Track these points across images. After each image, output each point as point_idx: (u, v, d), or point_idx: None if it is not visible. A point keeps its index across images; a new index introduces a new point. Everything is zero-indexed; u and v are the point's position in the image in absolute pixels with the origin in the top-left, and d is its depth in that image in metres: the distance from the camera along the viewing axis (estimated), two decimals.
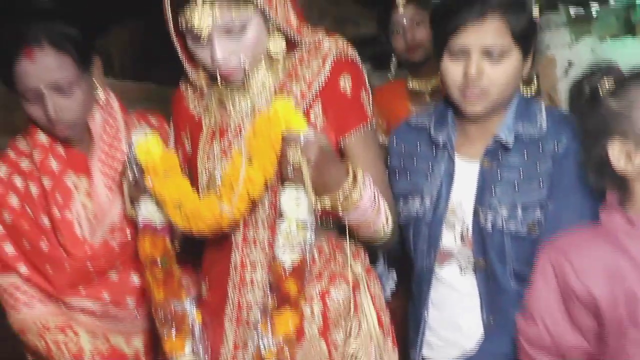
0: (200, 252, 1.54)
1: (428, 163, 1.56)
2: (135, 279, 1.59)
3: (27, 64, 1.45)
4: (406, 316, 1.64)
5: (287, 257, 1.32)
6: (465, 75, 1.43)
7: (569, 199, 1.42)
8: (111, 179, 1.57)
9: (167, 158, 1.42)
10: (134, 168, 1.43)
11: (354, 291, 1.45)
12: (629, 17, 3.39)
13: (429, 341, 1.57)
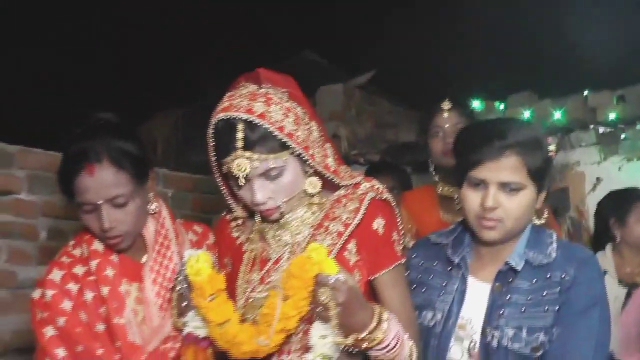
0: None
1: (443, 280, 1.62)
2: None
3: (87, 179, 1.47)
4: None
5: None
6: (482, 204, 1.50)
7: (576, 326, 1.46)
8: (161, 286, 1.58)
9: (215, 280, 1.45)
10: (184, 284, 1.48)
11: None
12: None
13: None
